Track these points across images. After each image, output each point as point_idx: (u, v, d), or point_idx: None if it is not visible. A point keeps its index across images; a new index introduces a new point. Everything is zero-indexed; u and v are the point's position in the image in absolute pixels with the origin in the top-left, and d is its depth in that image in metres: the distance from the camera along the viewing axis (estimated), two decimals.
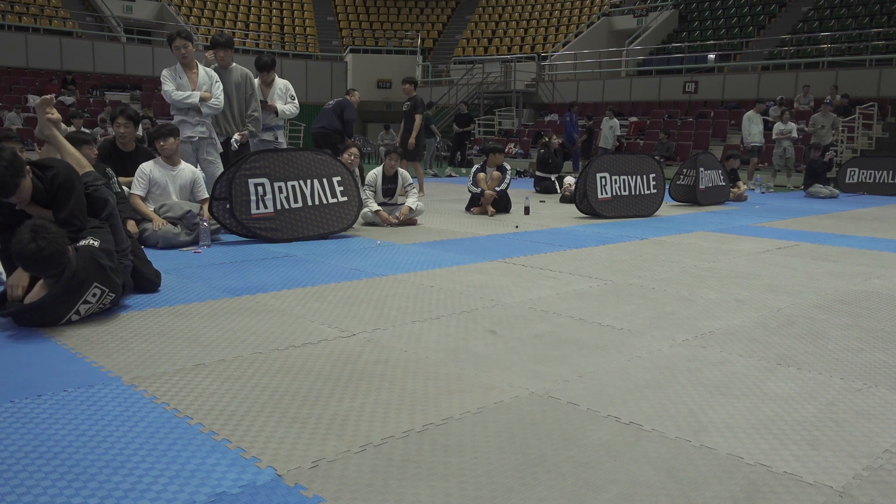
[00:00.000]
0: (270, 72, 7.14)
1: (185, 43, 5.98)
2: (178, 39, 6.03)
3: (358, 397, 2.48)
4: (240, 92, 6.59)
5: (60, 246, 3.11)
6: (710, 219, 8.08)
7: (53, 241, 3.07)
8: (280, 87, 7.24)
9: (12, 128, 16.16)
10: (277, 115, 7.08)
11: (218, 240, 5.79)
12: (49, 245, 3.05)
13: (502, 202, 8.18)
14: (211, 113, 6.20)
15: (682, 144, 16.81)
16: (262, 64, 7.11)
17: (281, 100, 7.19)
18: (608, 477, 1.94)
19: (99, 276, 3.29)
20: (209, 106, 6.10)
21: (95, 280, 3.27)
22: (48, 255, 3.05)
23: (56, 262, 3.10)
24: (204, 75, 6.14)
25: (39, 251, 3.02)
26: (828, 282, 4.60)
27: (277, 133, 7.19)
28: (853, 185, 12.64)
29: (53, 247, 3.06)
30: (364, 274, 4.59)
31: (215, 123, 6.58)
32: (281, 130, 7.30)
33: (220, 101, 6.18)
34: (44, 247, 3.03)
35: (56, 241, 3.09)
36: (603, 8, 25.65)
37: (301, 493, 1.82)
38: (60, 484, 1.84)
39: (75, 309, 3.23)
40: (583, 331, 3.37)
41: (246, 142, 6.60)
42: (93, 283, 3.26)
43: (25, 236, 3.03)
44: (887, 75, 16.95)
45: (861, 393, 2.62)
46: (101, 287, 3.30)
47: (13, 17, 21.84)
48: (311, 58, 25.95)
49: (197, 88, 6.03)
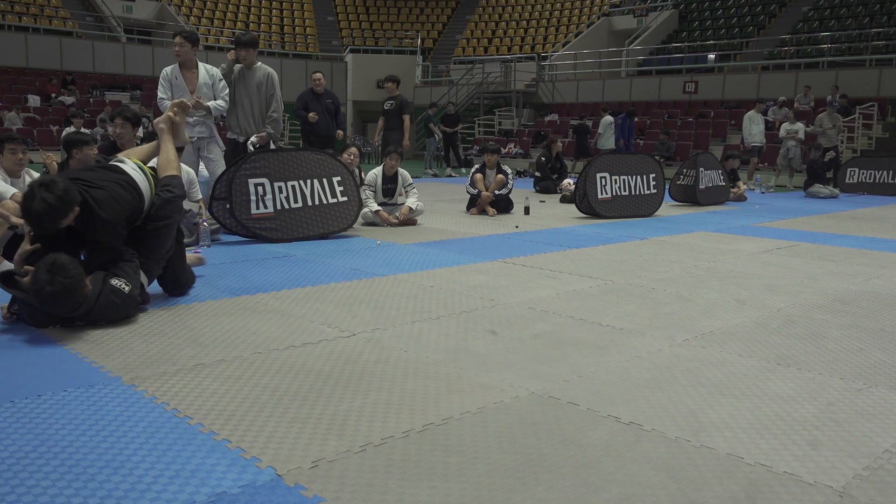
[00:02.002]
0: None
1: (181, 42, 5.94)
2: (176, 37, 6.02)
3: (358, 397, 2.48)
4: (261, 92, 6.46)
5: (77, 285, 3.08)
6: (710, 219, 8.08)
7: (70, 282, 3.04)
8: None
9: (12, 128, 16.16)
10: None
11: (218, 240, 5.79)
12: (66, 287, 3.02)
13: (503, 203, 8.18)
14: (216, 114, 6.13)
15: (682, 144, 16.81)
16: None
17: None
18: (608, 477, 1.94)
19: (109, 316, 3.29)
20: (214, 107, 6.04)
21: (104, 318, 3.28)
22: (65, 295, 3.04)
23: (73, 301, 3.09)
24: (204, 74, 6.07)
25: (55, 294, 3.01)
26: (828, 282, 4.60)
27: None
28: (853, 185, 12.64)
29: (70, 287, 3.04)
30: (364, 274, 4.59)
31: (235, 123, 6.54)
32: None
33: (220, 103, 6.08)
34: (59, 291, 3.01)
35: (73, 281, 3.05)
36: (603, 8, 25.64)
37: (301, 493, 1.82)
38: (60, 484, 1.84)
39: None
40: (583, 331, 3.37)
41: (266, 143, 6.44)
42: (101, 319, 3.27)
43: (43, 277, 3.00)
44: (887, 75, 16.95)
45: (861, 393, 2.62)
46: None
47: (13, 17, 21.83)
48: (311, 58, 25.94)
49: (196, 88, 6.00)
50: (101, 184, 3.35)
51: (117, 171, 3.54)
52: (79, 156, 5.46)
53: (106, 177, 3.44)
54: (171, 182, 3.80)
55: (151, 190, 3.64)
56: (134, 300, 3.40)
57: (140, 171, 3.63)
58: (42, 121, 18.07)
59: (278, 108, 6.61)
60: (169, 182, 3.80)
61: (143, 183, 3.59)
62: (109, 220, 3.30)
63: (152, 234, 3.62)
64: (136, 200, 3.50)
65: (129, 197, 3.45)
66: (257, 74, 6.49)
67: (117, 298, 3.27)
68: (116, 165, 3.63)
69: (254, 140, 6.42)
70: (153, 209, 3.63)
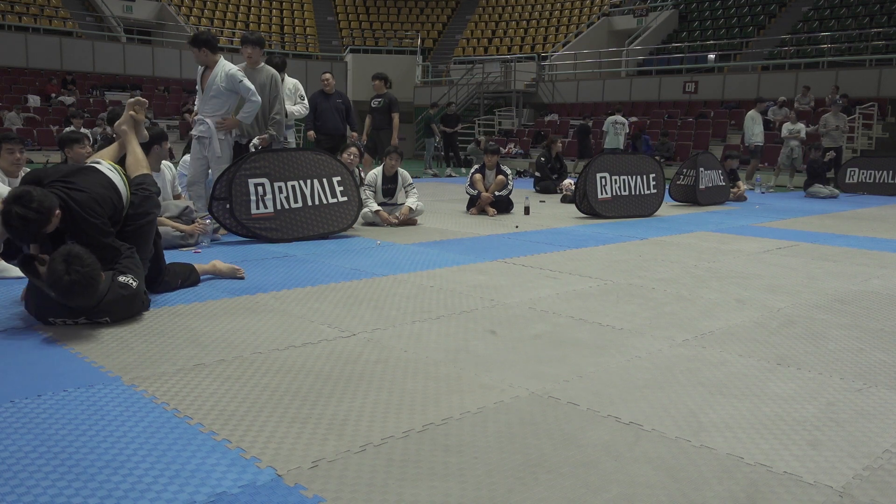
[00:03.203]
0: (280, 73, 7.10)
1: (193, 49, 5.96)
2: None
3: (358, 397, 2.48)
4: (264, 94, 6.41)
5: (95, 274, 3.07)
6: (710, 219, 8.08)
7: (87, 272, 3.02)
8: (289, 86, 7.22)
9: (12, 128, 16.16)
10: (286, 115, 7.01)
11: (218, 239, 5.79)
12: (83, 276, 3.01)
13: (503, 203, 8.18)
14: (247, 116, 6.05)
15: (682, 144, 16.81)
16: (274, 66, 7.03)
17: (290, 100, 7.16)
18: (608, 477, 1.94)
19: (118, 312, 3.29)
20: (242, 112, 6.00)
21: (112, 315, 3.28)
22: (83, 285, 3.02)
23: (92, 290, 3.08)
24: (212, 76, 5.96)
25: (73, 284, 2.99)
26: (828, 282, 4.60)
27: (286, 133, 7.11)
28: (853, 185, 12.64)
29: (88, 277, 3.03)
30: (364, 274, 4.59)
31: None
32: (291, 130, 7.26)
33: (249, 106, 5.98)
34: (76, 280, 2.99)
35: (90, 269, 3.04)
36: (603, 8, 25.65)
37: (301, 493, 1.82)
38: (60, 484, 1.84)
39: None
40: (583, 331, 3.37)
41: (268, 145, 6.38)
42: (105, 316, 3.27)
43: (59, 268, 2.98)
44: (887, 75, 16.95)
45: (861, 393, 2.62)
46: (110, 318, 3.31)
47: (13, 17, 21.84)
48: (311, 58, 25.94)
49: (205, 89, 5.97)
50: (81, 185, 3.36)
51: (94, 172, 3.56)
52: (71, 154, 5.48)
53: (84, 178, 3.45)
54: (143, 181, 3.83)
55: (127, 190, 3.66)
56: (140, 296, 3.42)
57: (115, 171, 3.66)
58: (42, 121, 18.08)
59: (281, 109, 6.60)
60: (142, 181, 3.82)
61: (120, 183, 3.62)
62: (93, 220, 3.31)
63: (135, 234, 3.63)
64: (116, 200, 3.52)
65: (109, 196, 3.47)
66: (261, 75, 6.49)
67: (125, 292, 3.28)
68: (91, 166, 3.64)
69: (256, 142, 6.40)
70: (131, 209, 3.65)
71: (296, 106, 7.19)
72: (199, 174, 6.08)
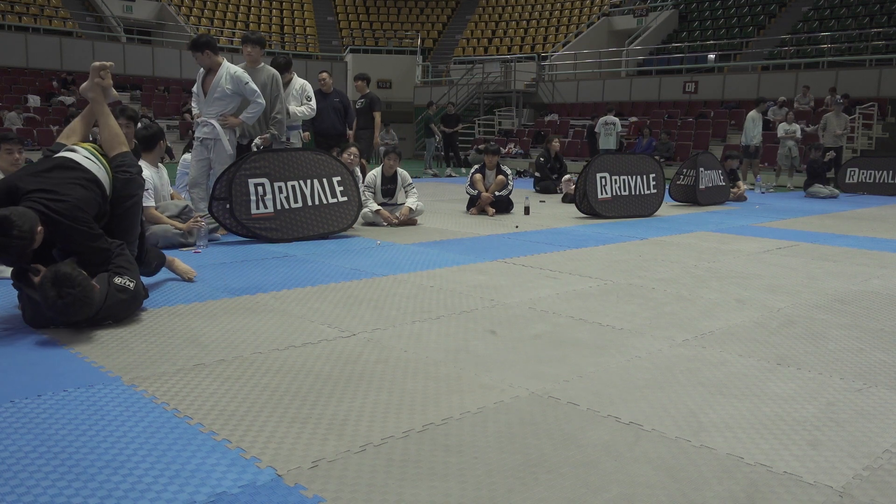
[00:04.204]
0: (285, 73, 7.07)
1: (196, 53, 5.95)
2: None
3: (358, 397, 2.48)
4: (265, 93, 6.38)
5: (87, 291, 3.06)
6: (710, 219, 8.08)
7: (78, 292, 3.02)
8: (296, 87, 7.20)
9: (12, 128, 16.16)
10: (289, 116, 7.01)
11: (217, 239, 5.79)
12: (77, 298, 3.01)
13: (503, 203, 8.18)
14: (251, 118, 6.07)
15: (682, 144, 16.81)
16: (278, 65, 7.01)
17: (296, 101, 7.15)
18: (608, 477, 1.94)
19: (118, 314, 3.30)
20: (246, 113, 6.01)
21: (112, 317, 3.28)
22: (78, 305, 3.03)
23: (88, 307, 3.08)
24: (216, 78, 5.94)
25: (67, 307, 3.01)
26: (828, 282, 4.60)
27: (291, 134, 7.10)
28: (853, 185, 12.64)
29: (81, 297, 3.03)
30: (364, 274, 4.59)
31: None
32: (296, 131, 7.25)
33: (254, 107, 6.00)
34: (70, 302, 3.00)
35: (82, 289, 3.03)
36: (603, 8, 25.64)
37: (301, 493, 1.82)
38: (60, 484, 1.84)
39: None
40: (583, 331, 3.37)
41: (269, 145, 6.37)
42: (108, 319, 3.27)
43: (50, 293, 2.98)
44: (887, 75, 16.95)
45: (861, 393, 2.62)
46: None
47: (13, 17, 21.84)
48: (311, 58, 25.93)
49: (209, 92, 5.95)
50: (61, 193, 3.20)
51: (73, 168, 3.37)
52: None
53: (63, 181, 3.27)
54: (124, 161, 3.64)
55: (109, 176, 3.52)
56: (139, 295, 3.42)
57: (94, 159, 3.49)
58: (42, 121, 18.07)
59: (282, 109, 6.59)
60: (122, 161, 3.63)
61: (101, 172, 3.46)
62: (79, 227, 3.23)
63: (122, 218, 3.57)
64: (100, 197, 3.41)
65: (92, 195, 3.35)
66: (261, 75, 6.48)
67: (124, 295, 3.28)
68: (69, 159, 3.42)
69: (258, 142, 6.40)
70: (115, 192, 3.54)
71: (301, 107, 7.18)
72: (201, 176, 6.07)
